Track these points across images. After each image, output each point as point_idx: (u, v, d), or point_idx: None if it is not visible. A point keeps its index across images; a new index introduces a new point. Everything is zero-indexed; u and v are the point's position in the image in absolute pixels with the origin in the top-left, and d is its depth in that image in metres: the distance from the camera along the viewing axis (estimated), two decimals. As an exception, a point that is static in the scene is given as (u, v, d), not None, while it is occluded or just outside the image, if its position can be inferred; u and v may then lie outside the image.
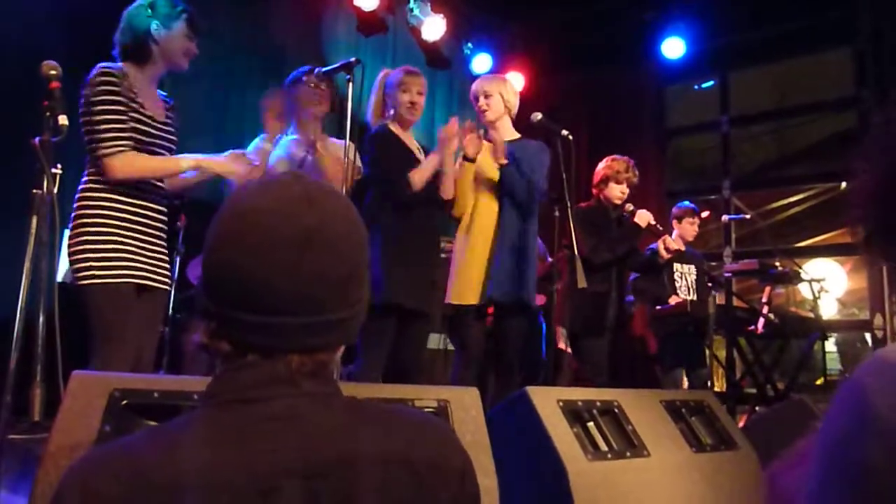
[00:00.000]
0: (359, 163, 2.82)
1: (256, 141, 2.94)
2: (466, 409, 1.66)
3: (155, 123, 2.29)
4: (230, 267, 0.75)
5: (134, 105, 2.22)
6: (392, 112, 3.00)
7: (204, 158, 2.29)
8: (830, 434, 0.56)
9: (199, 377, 1.48)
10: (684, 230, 4.36)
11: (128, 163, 2.16)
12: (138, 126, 2.22)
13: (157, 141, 2.29)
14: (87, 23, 3.67)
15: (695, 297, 4.16)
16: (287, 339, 0.76)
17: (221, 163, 2.31)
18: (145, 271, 2.25)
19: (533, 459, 1.76)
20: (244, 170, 2.36)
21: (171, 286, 2.44)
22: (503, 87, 3.18)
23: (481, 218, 3.05)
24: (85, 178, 2.22)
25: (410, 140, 3.07)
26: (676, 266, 4.34)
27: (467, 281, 2.97)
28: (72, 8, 3.66)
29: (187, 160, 2.27)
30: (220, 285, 0.76)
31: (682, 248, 3.64)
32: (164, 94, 2.47)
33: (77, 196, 2.20)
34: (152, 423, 1.34)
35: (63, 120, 1.81)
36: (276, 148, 2.87)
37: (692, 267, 4.32)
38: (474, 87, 3.23)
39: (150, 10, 2.28)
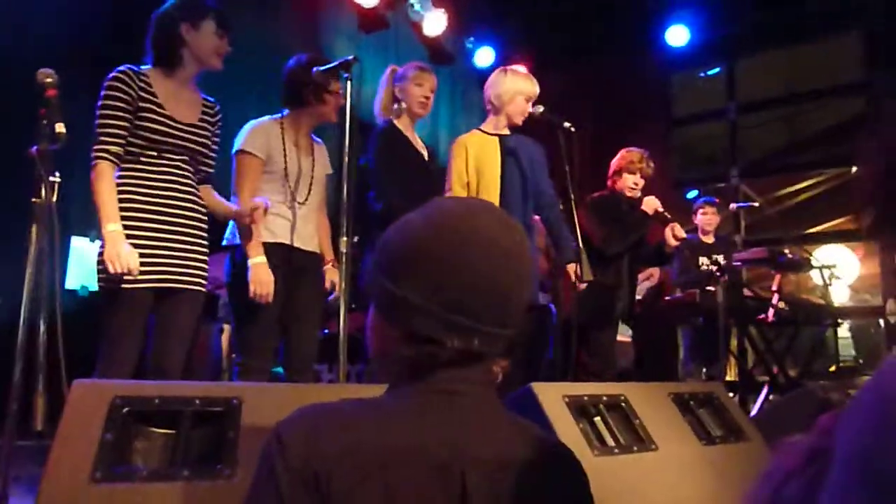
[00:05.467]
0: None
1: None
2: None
3: (176, 124, 2.29)
4: (475, 288, 0.86)
5: (147, 105, 2.23)
6: (401, 106, 2.99)
7: (113, 236, 2.11)
8: (853, 447, 0.53)
9: (197, 383, 1.48)
10: (700, 222, 4.53)
11: (96, 173, 2.16)
12: (150, 125, 2.23)
13: (175, 141, 2.29)
14: (91, 28, 3.70)
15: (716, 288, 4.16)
16: (495, 344, 0.89)
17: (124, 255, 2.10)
18: (166, 273, 2.24)
19: (539, 456, 1.75)
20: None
21: (204, 287, 2.40)
22: None
23: None
24: None
25: (415, 136, 3.07)
26: (703, 260, 4.39)
27: None
28: (70, 14, 3.67)
29: (108, 224, 2.12)
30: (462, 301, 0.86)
31: (685, 236, 3.62)
32: (212, 98, 2.49)
33: None
34: (154, 429, 1.34)
35: (60, 128, 1.82)
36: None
37: (721, 258, 4.38)
38: (535, 89, 3.09)
39: (177, 13, 2.29)
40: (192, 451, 1.32)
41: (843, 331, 5.62)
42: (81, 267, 3.81)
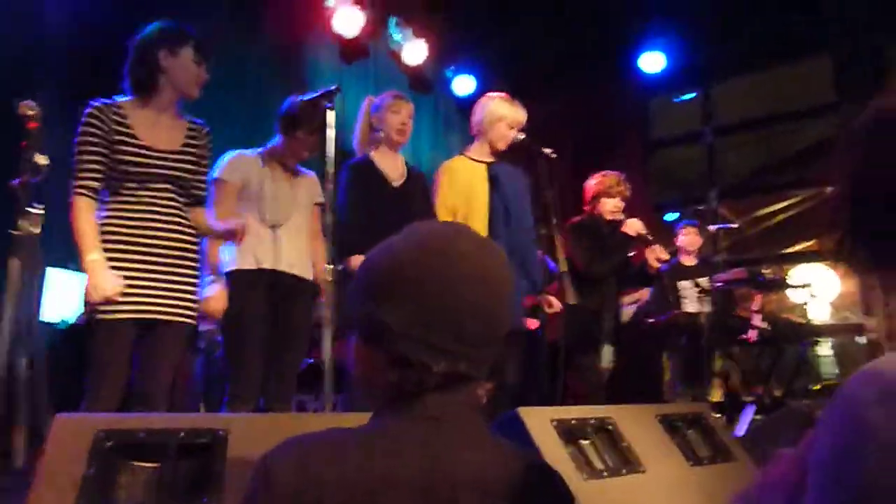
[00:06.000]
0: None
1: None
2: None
3: (153, 153, 2.26)
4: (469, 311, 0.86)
5: (121, 138, 2.21)
6: (379, 135, 3.01)
7: (94, 265, 2.10)
8: (826, 452, 0.54)
9: (182, 415, 1.46)
10: (683, 243, 4.59)
11: (74, 210, 2.16)
12: (125, 157, 2.21)
13: (154, 171, 2.26)
14: (69, 57, 3.70)
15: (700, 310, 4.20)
16: (479, 366, 0.89)
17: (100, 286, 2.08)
18: (153, 305, 2.21)
19: (528, 481, 1.74)
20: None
21: (194, 318, 2.37)
22: None
23: None
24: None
25: (396, 164, 3.05)
26: (682, 284, 4.44)
27: None
28: (47, 42, 3.67)
29: (88, 254, 2.11)
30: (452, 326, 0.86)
31: (667, 258, 3.67)
32: (200, 120, 2.46)
33: None
34: (139, 463, 1.32)
35: (41, 160, 1.81)
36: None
37: (705, 280, 4.41)
38: (519, 116, 3.14)
39: (156, 39, 2.28)
40: (178, 485, 1.30)
41: (826, 349, 5.67)
42: (60, 299, 3.76)
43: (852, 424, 0.52)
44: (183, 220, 2.35)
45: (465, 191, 3.03)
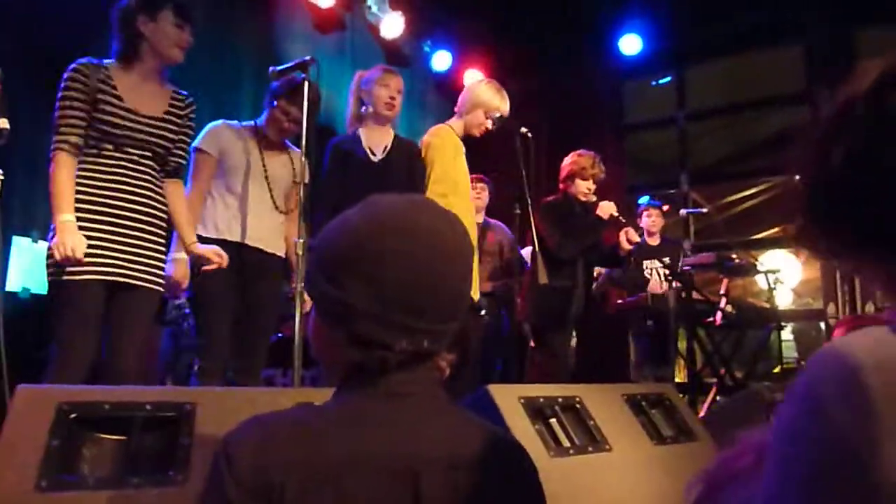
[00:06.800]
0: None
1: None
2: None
3: (135, 117, 2.24)
4: (424, 290, 0.84)
5: (104, 97, 2.19)
6: (368, 110, 2.95)
7: (64, 225, 2.07)
8: (783, 430, 0.55)
9: (149, 388, 1.44)
10: (645, 224, 4.63)
11: (54, 165, 2.13)
12: (106, 118, 2.19)
13: (134, 134, 2.24)
14: (38, 26, 3.58)
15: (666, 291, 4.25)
16: (441, 342, 0.88)
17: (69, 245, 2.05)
18: (120, 268, 2.18)
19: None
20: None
21: (161, 286, 2.34)
22: None
23: None
24: None
25: (382, 138, 2.98)
26: (647, 263, 4.49)
27: None
28: (14, 13, 3.55)
29: (60, 214, 2.08)
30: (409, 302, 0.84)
31: (638, 240, 3.71)
32: (184, 92, 2.44)
33: None
34: (104, 436, 1.31)
35: (3, 123, 1.76)
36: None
37: (667, 260, 4.46)
38: (502, 107, 3.07)
39: (134, 5, 2.26)
40: (144, 458, 1.28)
41: (787, 333, 5.80)
42: (23, 268, 3.67)
43: (808, 402, 0.53)
44: (156, 189, 2.34)
45: (462, 165, 3.00)
